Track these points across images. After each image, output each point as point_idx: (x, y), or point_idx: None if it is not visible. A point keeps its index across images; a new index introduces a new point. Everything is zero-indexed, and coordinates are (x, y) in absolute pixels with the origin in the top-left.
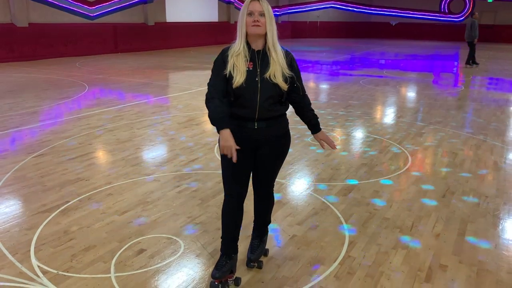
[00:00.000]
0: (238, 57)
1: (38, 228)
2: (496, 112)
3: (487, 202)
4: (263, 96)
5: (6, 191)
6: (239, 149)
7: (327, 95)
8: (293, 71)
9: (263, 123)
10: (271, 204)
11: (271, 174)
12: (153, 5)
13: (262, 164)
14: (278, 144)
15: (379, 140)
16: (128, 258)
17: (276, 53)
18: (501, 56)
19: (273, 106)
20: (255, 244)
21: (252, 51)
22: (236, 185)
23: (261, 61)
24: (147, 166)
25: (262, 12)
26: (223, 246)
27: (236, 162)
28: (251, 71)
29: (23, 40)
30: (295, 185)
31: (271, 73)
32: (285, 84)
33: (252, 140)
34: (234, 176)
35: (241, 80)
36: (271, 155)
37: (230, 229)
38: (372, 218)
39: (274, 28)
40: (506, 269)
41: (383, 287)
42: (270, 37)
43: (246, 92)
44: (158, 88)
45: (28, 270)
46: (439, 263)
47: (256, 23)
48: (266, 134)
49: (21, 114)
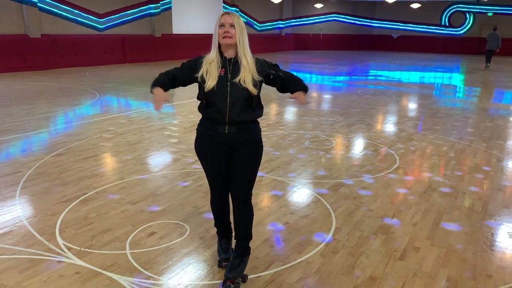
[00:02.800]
0: (211, 64)
1: (61, 215)
2: (485, 120)
3: (464, 198)
4: (232, 99)
5: (30, 184)
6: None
7: (326, 103)
8: (266, 71)
9: (233, 128)
10: (249, 213)
11: (244, 178)
12: (160, 17)
13: (234, 170)
14: (249, 149)
15: (371, 143)
16: (141, 239)
17: (246, 61)
18: (498, 68)
19: (243, 110)
20: (235, 263)
21: (224, 59)
22: (217, 180)
23: (232, 68)
24: (156, 165)
25: (232, 24)
26: (220, 230)
27: (213, 161)
28: (222, 76)
29: (36, 50)
30: (291, 182)
31: (241, 78)
32: (255, 89)
33: (223, 144)
34: (214, 173)
35: (212, 84)
36: (242, 161)
37: (219, 216)
38: (357, 210)
39: (244, 38)
40: (472, 250)
41: (362, 263)
42: (241, 46)
43: (216, 95)
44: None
45: (55, 247)
46: (413, 245)
47: (227, 34)
48: (237, 140)
49: (37, 119)
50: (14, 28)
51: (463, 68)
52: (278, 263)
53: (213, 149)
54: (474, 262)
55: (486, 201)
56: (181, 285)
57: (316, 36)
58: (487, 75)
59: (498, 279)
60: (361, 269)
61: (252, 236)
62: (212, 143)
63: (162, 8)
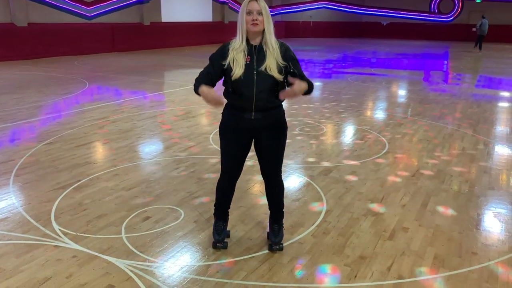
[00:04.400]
0: (238, 52)
1: (55, 201)
2: (473, 106)
3: (451, 180)
4: (259, 87)
5: (23, 172)
6: (237, 135)
7: (317, 90)
8: (288, 59)
9: (259, 114)
10: (281, 190)
11: (274, 161)
12: (148, 5)
13: (264, 154)
14: (275, 132)
15: (361, 129)
16: (136, 223)
17: (272, 47)
18: (486, 54)
19: (268, 97)
20: (275, 229)
21: (250, 46)
22: (232, 166)
23: (257, 55)
24: (148, 152)
25: (260, 11)
26: (218, 213)
27: (234, 146)
28: (249, 64)
29: (23, 39)
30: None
31: (266, 66)
32: (280, 75)
33: (249, 129)
34: (231, 157)
35: (239, 73)
36: (270, 144)
37: (223, 202)
38: (347, 193)
39: (271, 25)
40: (458, 230)
41: (353, 243)
42: (268, 33)
43: (243, 84)
44: (155, 84)
45: (51, 232)
46: (402, 226)
47: (255, 22)
48: (263, 123)
49: (28, 108)
50: (1, 17)
51: (451, 55)
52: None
53: (237, 132)
54: (460, 241)
55: (472, 183)
56: (177, 266)
57: (306, 23)
58: (475, 62)
59: (482, 256)
60: (352, 249)
61: (284, 206)
62: (238, 127)
63: None
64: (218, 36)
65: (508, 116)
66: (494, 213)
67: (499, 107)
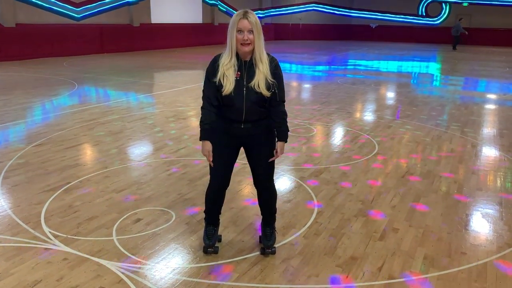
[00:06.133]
0: (229, 68)
1: (45, 203)
2: (460, 108)
3: (440, 181)
4: (248, 102)
5: (12, 174)
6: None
7: (306, 92)
8: (276, 77)
9: (249, 124)
10: (273, 196)
11: (266, 169)
12: (138, 6)
13: (255, 162)
14: (264, 139)
15: (351, 131)
16: (127, 225)
17: (262, 64)
18: (473, 57)
19: (258, 110)
20: (268, 232)
21: (241, 61)
22: (220, 176)
23: (247, 71)
24: (139, 154)
25: (251, 30)
26: (208, 219)
27: (222, 157)
28: (239, 80)
29: (11, 40)
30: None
31: (255, 83)
32: (268, 92)
33: (237, 136)
34: (220, 165)
35: (230, 88)
36: (260, 152)
37: (213, 209)
38: (338, 194)
39: (261, 41)
40: (447, 230)
41: (344, 244)
42: (258, 50)
43: (234, 99)
44: (145, 86)
45: (41, 235)
46: (392, 226)
47: (246, 42)
48: (252, 133)
49: (16, 110)
50: None
51: (439, 57)
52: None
53: (227, 139)
54: (449, 241)
55: (461, 184)
56: (168, 268)
57: (295, 26)
58: (462, 64)
59: (471, 255)
60: (343, 250)
61: (276, 210)
62: (227, 134)
63: None
64: (208, 38)
65: (494, 118)
66: (482, 213)
67: (486, 109)
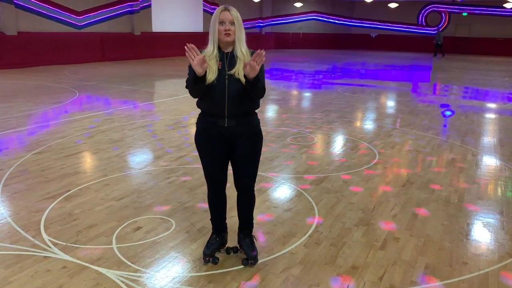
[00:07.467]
0: (211, 59)
1: (45, 211)
2: (461, 117)
3: (441, 190)
4: (231, 90)
5: (12, 182)
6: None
7: (307, 101)
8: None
9: (232, 121)
10: (253, 202)
11: (248, 172)
12: (139, 15)
13: (237, 163)
14: (249, 141)
15: (352, 139)
16: (127, 234)
17: (243, 55)
18: (473, 67)
19: (240, 103)
20: (248, 242)
21: (222, 53)
22: (213, 174)
23: (229, 61)
24: (139, 161)
25: (232, 21)
26: (214, 226)
27: (211, 154)
28: (221, 70)
29: (12, 48)
30: (274, 177)
31: (236, 71)
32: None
33: (223, 137)
34: (211, 166)
35: (212, 77)
36: (243, 155)
37: (216, 212)
38: (339, 203)
39: (242, 34)
40: (448, 239)
41: (345, 253)
42: (238, 42)
43: (216, 88)
44: (146, 94)
45: (41, 243)
46: (393, 236)
47: (227, 32)
48: (237, 133)
49: (17, 117)
50: None
51: (439, 66)
52: (263, 255)
53: (213, 142)
54: (450, 251)
55: (462, 194)
56: (168, 277)
57: (296, 35)
58: (462, 73)
59: (473, 265)
60: (344, 259)
61: (253, 218)
62: (212, 136)
63: (142, 6)
64: None
65: (495, 127)
66: (484, 223)
67: (486, 118)
